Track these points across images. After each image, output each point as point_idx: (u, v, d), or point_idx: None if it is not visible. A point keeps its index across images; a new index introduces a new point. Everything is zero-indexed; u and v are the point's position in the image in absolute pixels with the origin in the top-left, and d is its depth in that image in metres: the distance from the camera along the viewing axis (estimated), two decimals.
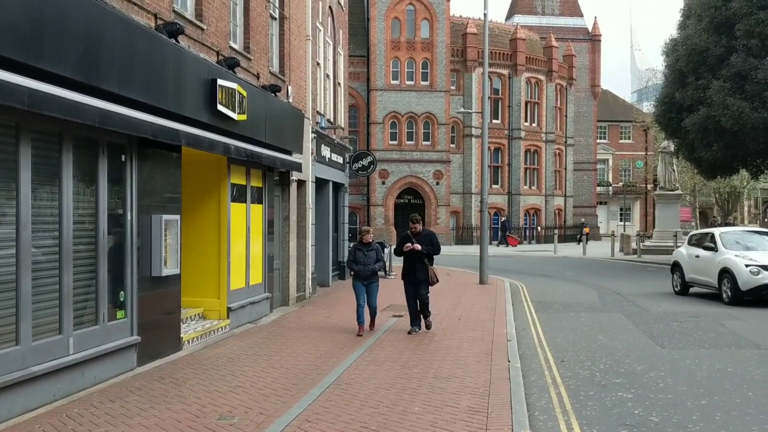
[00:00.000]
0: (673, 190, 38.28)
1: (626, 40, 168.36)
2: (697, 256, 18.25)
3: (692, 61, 27.35)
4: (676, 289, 19.35)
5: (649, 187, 61.70)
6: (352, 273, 12.61)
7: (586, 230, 51.79)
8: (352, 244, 15.16)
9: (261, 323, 13.51)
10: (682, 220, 45.44)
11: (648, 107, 62.58)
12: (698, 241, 18.87)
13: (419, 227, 12.47)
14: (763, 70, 24.38)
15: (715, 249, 17.56)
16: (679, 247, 21.00)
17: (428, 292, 12.56)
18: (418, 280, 12.35)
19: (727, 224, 53.02)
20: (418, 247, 12.19)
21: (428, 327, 12.51)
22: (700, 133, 27.15)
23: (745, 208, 67.67)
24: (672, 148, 35.43)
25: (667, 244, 35.44)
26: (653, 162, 49.38)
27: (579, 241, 51.82)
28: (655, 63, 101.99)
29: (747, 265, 16.23)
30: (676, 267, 19.55)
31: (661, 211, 39.09)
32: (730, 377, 9.32)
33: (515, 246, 47.66)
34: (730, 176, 37.71)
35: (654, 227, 41.94)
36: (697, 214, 56.08)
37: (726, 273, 16.71)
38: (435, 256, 12.53)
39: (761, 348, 11.34)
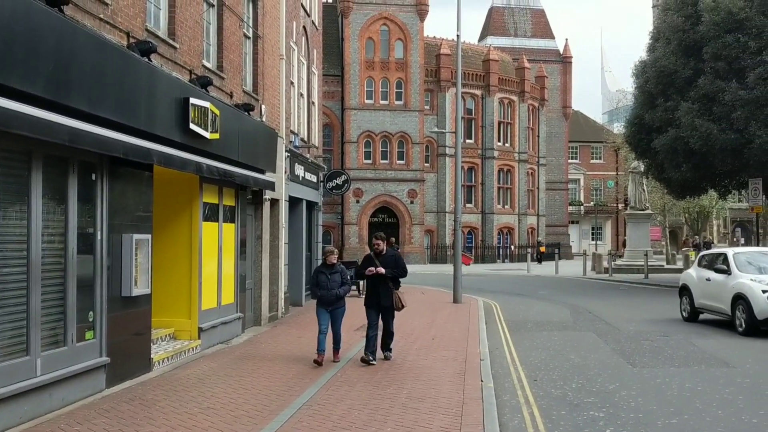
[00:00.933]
0: (643, 210, 38.82)
1: (597, 62, 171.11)
2: (708, 279, 16.56)
3: (661, 83, 27.86)
4: (684, 314, 17.66)
5: (620, 206, 62.42)
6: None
7: (542, 249, 51.92)
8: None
9: (233, 343, 13.39)
10: (653, 239, 46.02)
11: (618, 128, 63.48)
12: (709, 263, 17.09)
13: (383, 246, 11.49)
14: (730, 92, 24.88)
15: (728, 272, 15.77)
16: (688, 268, 19.12)
17: (393, 319, 11.66)
18: (382, 307, 11.41)
19: (705, 244, 53.07)
20: (382, 270, 11.20)
21: (387, 358, 11.60)
22: (669, 154, 27.59)
23: (714, 228, 68.69)
24: (642, 169, 35.97)
25: (638, 263, 35.87)
26: (624, 182, 50.05)
27: (536, 260, 51.77)
28: (626, 84, 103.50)
29: (765, 291, 14.44)
30: (684, 291, 17.82)
31: (632, 230, 39.57)
32: (700, 396, 9.41)
33: (468, 264, 46.27)
34: (699, 196, 38.33)
35: (625, 246, 42.40)
36: (667, 234, 56.75)
37: (740, 299, 14.94)
38: (403, 279, 11.65)
39: (730, 366, 11.47)
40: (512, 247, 56.39)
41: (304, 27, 21.27)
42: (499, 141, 55.64)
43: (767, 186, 28.32)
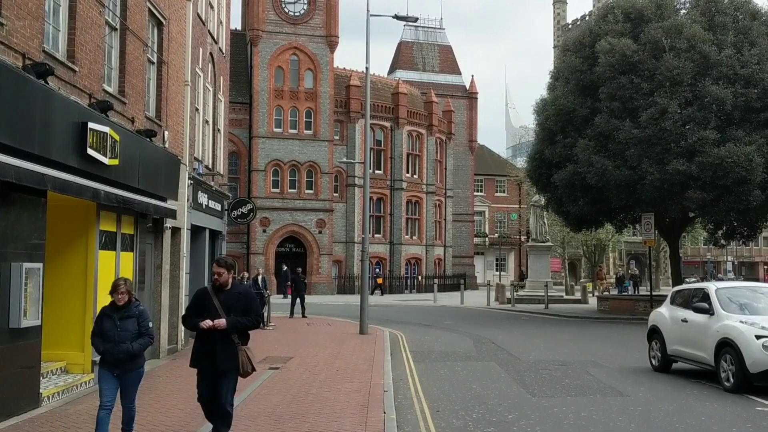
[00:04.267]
0: (544, 242, 40.08)
1: (502, 99, 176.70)
2: (684, 321, 13.61)
3: (560, 121, 29.02)
4: (654, 363, 14.59)
5: (523, 238, 64.26)
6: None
7: (379, 281, 51.13)
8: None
9: None
10: (553, 270, 47.45)
11: (521, 163, 65.49)
12: (685, 300, 14.13)
13: (226, 277, 7.82)
14: (624, 130, 26.17)
15: (710, 311, 12.83)
16: (658, 307, 15.84)
17: (233, 392, 7.98)
18: (218, 371, 7.72)
19: (632, 277, 50.03)
20: (223, 323, 7.57)
21: None
22: (567, 189, 28.68)
23: (611, 260, 71.50)
24: (542, 202, 37.23)
25: (539, 293, 36.88)
26: (526, 215, 51.52)
27: (372, 292, 48.53)
28: (528, 121, 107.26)
29: (759, 336, 11.53)
30: (654, 334, 14.65)
31: (533, 261, 40.73)
32: (594, 424, 9.69)
33: None
34: (596, 229, 39.89)
35: (524, 277, 43.59)
36: (567, 265, 58.67)
37: (727, 346, 11.99)
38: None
39: (623, 395, 11.87)
40: (419, 277, 56.95)
41: (210, 54, 21.04)
42: (407, 172, 56.38)
43: (659, 220, 29.81)
